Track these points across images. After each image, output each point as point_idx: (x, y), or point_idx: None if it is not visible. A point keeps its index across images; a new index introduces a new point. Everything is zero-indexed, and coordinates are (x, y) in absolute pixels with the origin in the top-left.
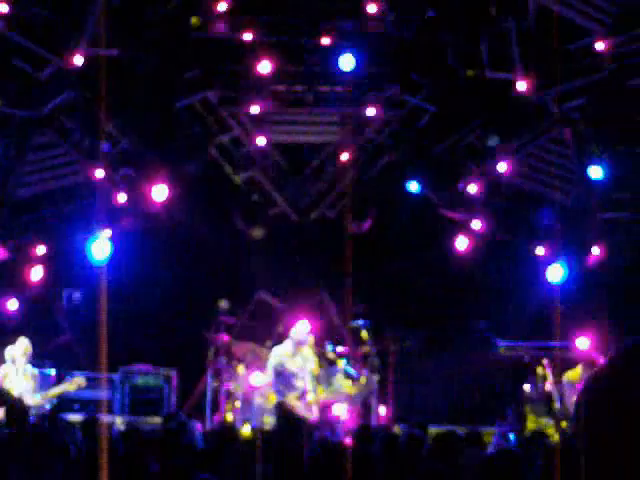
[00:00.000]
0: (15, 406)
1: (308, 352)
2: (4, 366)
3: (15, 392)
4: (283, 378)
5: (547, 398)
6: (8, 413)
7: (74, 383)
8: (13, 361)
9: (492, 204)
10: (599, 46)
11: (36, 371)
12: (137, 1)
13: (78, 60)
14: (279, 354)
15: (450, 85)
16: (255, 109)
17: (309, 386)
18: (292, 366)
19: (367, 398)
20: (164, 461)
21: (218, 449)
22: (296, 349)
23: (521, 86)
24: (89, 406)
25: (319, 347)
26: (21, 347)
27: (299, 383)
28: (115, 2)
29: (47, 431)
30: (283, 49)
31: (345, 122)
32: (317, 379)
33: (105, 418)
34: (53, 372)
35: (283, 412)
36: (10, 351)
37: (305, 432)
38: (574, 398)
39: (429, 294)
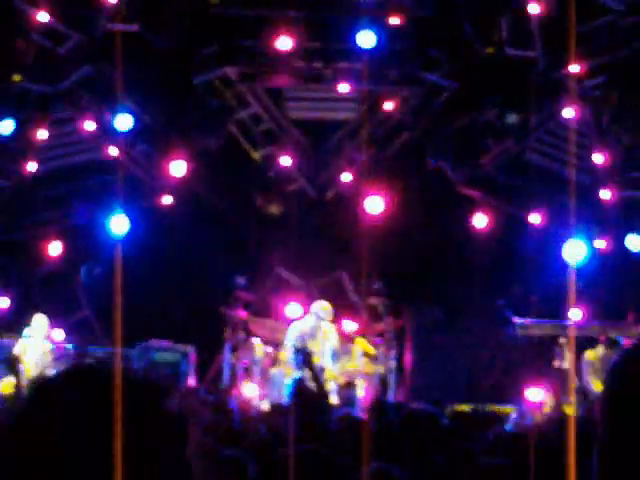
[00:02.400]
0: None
1: (329, 328)
2: (22, 341)
3: (33, 366)
4: (302, 354)
5: (564, 376)
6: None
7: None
8: (31, 337)
9: (510, 181)
10: (621, 24)
11: (52, 346)
12: None
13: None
14: (299, 330)
15: (469, 62)
16: (274, 85)
17: (328, 363)
18: (312, 343)
19: (384, 375)
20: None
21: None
22: (317, 325)
23: (541, 63)
24: None
25: (336, 324)
26: (38, 324)
27: (318, 360)
28: None
29: None
30: (302, 25)
31: (364, 99)
32: (336, 356)
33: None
34: (71, 347)
35: (299, 389)
36: (28, 328)
37: (323, 409)
38: (592, 377)
39: (447, 271)
